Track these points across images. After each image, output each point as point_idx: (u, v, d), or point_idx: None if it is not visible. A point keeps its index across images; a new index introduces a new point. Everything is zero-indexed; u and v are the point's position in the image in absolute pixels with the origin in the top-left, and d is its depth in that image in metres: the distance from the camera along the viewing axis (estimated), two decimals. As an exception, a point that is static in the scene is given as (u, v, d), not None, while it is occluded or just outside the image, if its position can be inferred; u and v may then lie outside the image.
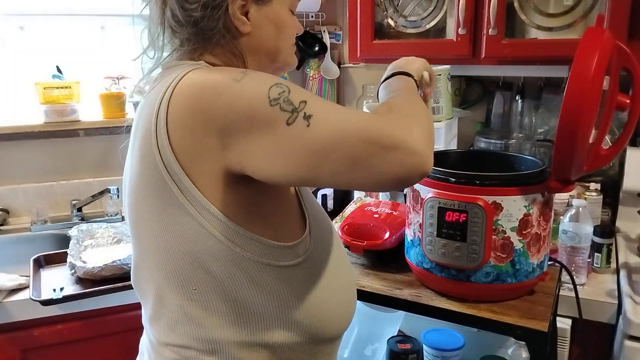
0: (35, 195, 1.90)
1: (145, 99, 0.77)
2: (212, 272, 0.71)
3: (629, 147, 1.63)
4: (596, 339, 1.32)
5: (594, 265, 1.44)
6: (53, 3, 1.90)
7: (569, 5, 1.45)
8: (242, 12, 0.77)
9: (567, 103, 0.86)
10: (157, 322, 0.77)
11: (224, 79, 0.68)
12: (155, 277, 0.75)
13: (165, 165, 0.68)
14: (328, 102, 0.69)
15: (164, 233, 0.71)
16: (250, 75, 0.69)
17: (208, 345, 0.73)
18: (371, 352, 1.43)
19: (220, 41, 0.78)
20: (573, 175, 0.95)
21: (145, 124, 0.71)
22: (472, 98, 1.94)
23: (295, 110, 0.65)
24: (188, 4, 0.76)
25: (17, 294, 1.37)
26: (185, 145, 0.68)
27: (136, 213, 0.75)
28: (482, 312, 0.97)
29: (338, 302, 0.82)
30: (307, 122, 0.64)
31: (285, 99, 0.65)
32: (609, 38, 0.89)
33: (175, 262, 0.72)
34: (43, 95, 1.83)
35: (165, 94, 0.69)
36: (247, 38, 0.79)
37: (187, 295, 0.73)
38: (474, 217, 0.95)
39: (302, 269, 0.76)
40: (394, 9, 1.71)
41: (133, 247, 0.80)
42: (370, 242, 1.16)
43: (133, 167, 0.74)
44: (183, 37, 0.78)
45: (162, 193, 0.69)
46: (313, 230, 0.81)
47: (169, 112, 0.68)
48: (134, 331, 0.96)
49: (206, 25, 0.76)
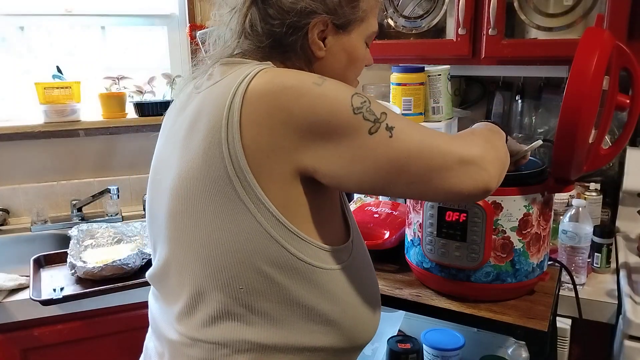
0: (35, 195, 1.90)
1: (204, 94, 0.75)
2: (263, 272, 0.71)
3: (629, 147, 1.63)
4: (596, 339, 1.32)
5: (593, 265, 1.44)
6: (53, 3, 1.90)
7: (569, 5, 1.45)
8: (320, 38, 0.78)
9: (567, 103, 0.86)
10: (190, 317, 0.76)
11: (305, 81, 0.69)
12: (196, 272, 0.74)
13: (232, 160, 0.68)
14: (406, 117, 0.73)
15: (218, 228, 0.70)
16: (330, 81, 0.70)
17: (245, 345, 0.73)
18: (371, 352, 1.43)
19: (292, 58, 0.79)
20: (573, 175, 0.95)
21: (212, 117, 0.70)
22: (472, 98, 1.94)
23: (378, 120, 0.68)
24: (271, 19, 0.76)
25: (17, 294, 1.37)
26: (258, 142, 0.68)
27: (183, 207, 0.73)
28: (482, 312, 0.97)
29: (374, 307, 0.83)
30: (390, 133, 0.68)
31: (367, 108, 0.68)
32: (609, 38, 0.89)
33: (224, 258, 0.71)
34: (43, 95, 1.83)
35: (238, 88, 0.69)
36: (319, 63, 0.80)
37: (233, 293, 0.72)
38: (473, 217, 0.95)
39: (346, 273, 0.77)
40: (394, 9, 1.71)
41: (165, 241, 0.78)
42: (370, 242, 1.16)
43: (188, 161, 0.72)
44: (255, 45, 0.78)
45: (224, 188, 0.69)
46: (354, 235, 0.83)
47: (243, 107, 0.68)
48: (134, 331, 0.96)
49: (283, 42, 0.77)
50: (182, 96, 0.83)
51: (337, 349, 0.77)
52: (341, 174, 0.69)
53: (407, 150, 0.67)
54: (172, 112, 0.84)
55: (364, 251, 0.87)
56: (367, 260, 0.86)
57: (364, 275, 0.82)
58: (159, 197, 0.80)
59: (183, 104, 0.80)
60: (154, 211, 0.83)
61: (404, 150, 0.67)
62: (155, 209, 0.81)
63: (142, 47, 2.08)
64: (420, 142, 0.67)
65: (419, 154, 0.67)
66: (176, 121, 0.79)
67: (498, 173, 0.72)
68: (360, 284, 0.80)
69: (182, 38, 2.05)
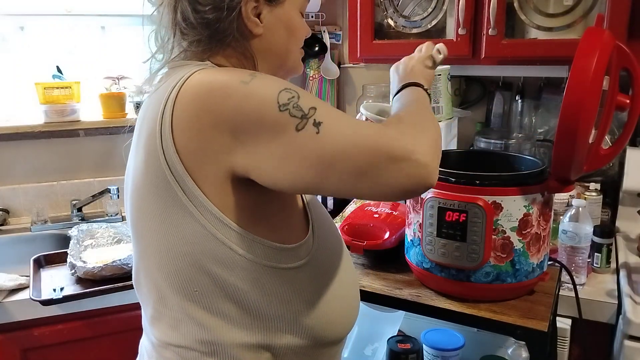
0: (35, 195, 1.90)
1: (150, 99, 0.76)
2: (213, 274, 0.71)
3: (629, 147, 1.63)
4: (596, 339, 1.32)
5: (593, 265, 1.44)
6: (53, 3, 1.90)
7: (569, 5, 1.45)
8: (255, 14, 0.77)
9: (567, 103, 0.86)
10: (159, 322, 0.77)
11: (232, 81, 0.67)
12: (156, 277, 0.75)
13: (169, 165, 0.68)
14: (337, 110, 0.69)
15: (166, 234, 0.71)
16: (258, 78, 0.68)
17: (210, 347, 0.73)
18: (371, 352, 1.43)
19: (232, 43, 0.78)
20: (573, 175, 0.95)
21: (149, 124, 0.71)
22: (472, 98, 1.94)
23: (305, 116, 0.65)
24: (201, 6, 0.75)
25: (17, 294, 1.37)
26: (190, 147, 0.67)
27: (138, 213, 0.75)
28: (482, 312, 0.97)
29: (341, 305, 0.82)
30: (317, 129, 0.64)
31: (294, 104, 0.65)
32: (609, 38, 0.89)
33: (176, 263, 0.71)
34: (43, 95, 1.83)
35: (170, 94, 0.69)
36: (259, 40, 0.79)
37: (189, 296, 0.72)
38: (473, 217, 0.95)
39: (305, 271, 0.76)
40: (394, 9, 1.71)
41: (134, 246, 0.80)
42: (370, 242, 1.16)
43: (136, 167, 0.74)
44: (193, 39, 0.77)
45: (165, 193, 0.69)
46: (316, 232, 0.81)
47: (174, 112, 0.68)
48: (134, 331, 0.96)
49: (219, 27, 0.76)
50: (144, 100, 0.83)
51: (303, 346, 0.76)
52: (273, 173, 0.66)
53: (335, 147, 0.63)
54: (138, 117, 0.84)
55: (334, 248, 0.84)
56: (337, 257, 0.84)
57: (331, 273, 0.80)
58: (127, 204, 0.81)
59: (141, 109, 0.80)
60: (127, 217, 0.83)
61: (332, 147, 0.63)
62: (127, 215, 0.82)
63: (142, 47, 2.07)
64: (349, 138, 0.64)
65: (347, 151, 0.63)
66: (136, 126, 0.80)
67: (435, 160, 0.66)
68: (325, 282, 0.78)
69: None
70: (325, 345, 0.80)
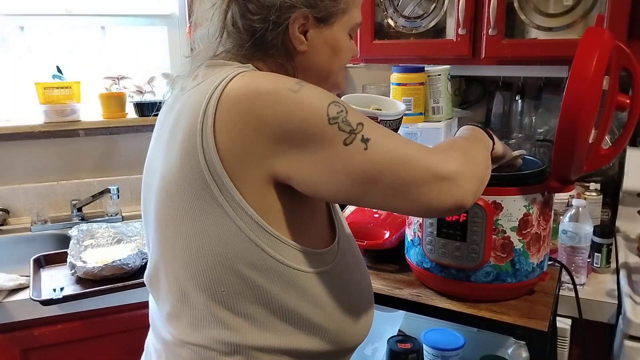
0: (35, 195, 1.90)
1: (187, 95, 0.75)
2: (243, 275, 0.71)
3: (629, 147, 1.63)
4: (596, 339, 1.32)
5: (593, 265, 1.44)
6: (53, 3, 1.90)
7: (569, 6, 1.45)
8: (302, 32, 0.77)
9: (567, 103, 0.86)
10: (178, 320, 0.76)
11: (281, 87, 0.68)
12: (180, 274, 0.74)
13: (208, 165, 0.68)
14: (383, 127, 0.71)
15: (198, 232, 0.71)
16: (306, 88, 0.69)
17: (230, 347, 0.73)
18: (371, 351, 1.43)
19: (274, 54, 0.78)
20: (573, 175, 0.95)
21: (189, 121, 0.70)
22: (472, 98, 1.94)
23: (354, 131, 0.66)
24: (250, 14, 0.75)
25: (17, 294, 1.37)
26: (231, 148, 0.67)
27: (167, 210, 0.74)
28: (482, 312, 0.97)
29: (361, 311, 0.82)
30: (365, 145, 0.67)
31: (343, 119, 0.67)
32: (609, 38, 0.89)
33: (205, 261, 0.71)
34: (43, 95, 1.83)
35: (214, 93, 0.69)
36: (302, 56, 0.79)
37: (215, 296, 0.72)
38: (473, 217, 0.95)
39: (330, 276, 0.77)
40: (394, 9, 1.70)
41: (154, 243, 0.79)
42: (370, 242, 1.16)
43: (168, 164, 0.73)
44: (238, 43, 0.78)
45: (202, 192, 0.69)
46: (341, 239, 0.82)
47: (217, 112, 0.68)
48: (134, 331, 0.96)
49: (264, 38, 0.76)
50: (170, 96, 0.82)
51: (323, 352, 0.77)
52: (316, 182, 0.68)
53: (382, 163, 0.66)
54: (162, 112, 0.84)
55: (354, 254, 0.86)
56: (356, 264, 0.85)
57: (352, 279, 0.82)
58: (149, 199, 0.80)
59: (171, 105, 0.80)
60: (146, 213, 0.83)
61: (379, 163, 0.66)
62: (147, 211, 0.82)
63: (142, 47, 2.08)
64: (396, 156, 0.66)
65: (393, 167, 0.66)
66: (164, 122, 0.79)
67: (475, 189, 0.70)
68: (346, 288, 0.79)
69: (182, 38, 2.05)
70: (344, 351, 0.81)
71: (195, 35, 0.83)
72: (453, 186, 0.66)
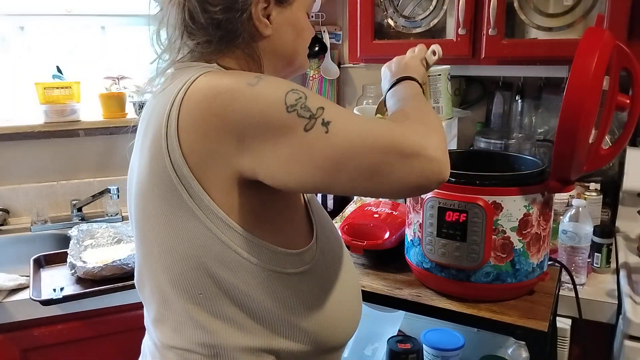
0: (35, 195, 1.90)
1: (155, 100, 0.75)
2: (218, 278, 0.70)
3: (629, 147, 1.63)
4: (596, 339, 1.32)
5: (593, 265, 1.44)
6: (53, 3, 1.90)
7: (569, 6, 1.45)
8: (264, 15, 0.77)
9: (567, 103, 0.86)
10: (162, 324, 0.77)
11: (238, 83, 0.67)
12: (159, 279, 0.74)
13: (175, 168, 0.68)
14: (345, 109, 0.69)
15: (170, 236, 0.71)
16: (264, 80, 0.68)
17: (212, 350, 0.73)
18: (371, 352, 1.43)
19: (240, 44, 0.77)
20: (573, 175, 0.95)
21: (155, 126, 0.70)
22: (472, 98, 1.94)
23: (313, 116, 0.65)
24: (211, 6, 0.74)
25: (17, 294, 1.37)
26: (196, 149, 0.67)
27: (142, 214, 0.74)
28: (482, 312, 0.97)
29: (344, 311, 0.82)
30: (326, 128, 0.64)
31: (302, 105, 0.65)
32: (609, 38, 0.89)
33: (180, 265, 0.71)
34: (43, 95, 1.83)
35: (177, 96, 0.68)
36: (267, 41, 0.78)
37: (192, 299, 0.72)
38: (474, 217, 0.95)
39: (309, 276, 0.76)
40: (394, 9, 1.70)
41: (137, 248, 0.80)
42: (370, 242, 1.16)
43: (141, 168, 0.73)
44: (201, 40, 0.77)
45: (171, 196, 0.69)
46: (320, 238, 0.81)
47: (180, 114, 0.67)
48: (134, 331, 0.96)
49: (228, 28, 0.75)
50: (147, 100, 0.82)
51: (305, 352, 0.76)
52: (282, 174, 0.66)
53: (344, 145, 0.63)
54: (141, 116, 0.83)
55: (335, 253, 0.84)
56: (339, 263, 0.84)
57: (334, 279, 0.80)
58: (130, 203, 0.80)
59: (145, 110, 0.80)
60: (130, 218, 0.83)
61: (342, 146, 0.63)
62: (130, 216, 0.82)
63: (142, 47, 2.08)
64: (358, 136, 0.63)
65: (357, 149, 0.63)
66: (140, 127, 0.79)
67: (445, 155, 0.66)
68: (328, 288, 0.78)
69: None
70: (327, 350, 0.80)
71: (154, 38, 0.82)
72: (423, 162, 0.63)
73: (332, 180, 0.65)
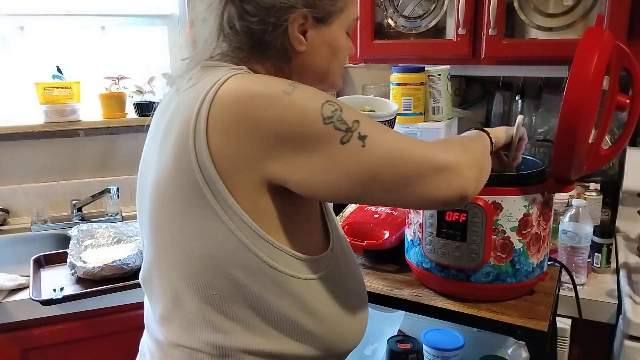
0: (35, 195, 1.90)
1: (182, 96, 0.75)
2: (235, 279, 0.70)
3: (629, 147, 1.63)
4: (596, 339, 1.32)
5: (593, 265, 1.44)
6: (53, 3, 1.90)
7: (569, 5, 1.45)
8: (300, 32, 0.76)
9: (567, 103, 0.86)
10: (170, 322, 0.76)
11: (274, 89, 0.67)
12: (173, 277, 0.74)
13: (201, 168, 0.67)
14: (377, 123, 0.71)
15: (190, 235, 0.70)
16: (300, 89, 0.68)
17: (221, 351, 0.73)
18: (371, 352, 1.43)
19: (272, 56, 0.77)
20: (573, 175, 0.95)
21: (182, 124, 0.70)
22: (472, 98, 1.94)
23: (350, 129, 0.66)
24: (249, 16, 0.74)
25: (17, 294, 1.37)
26: (224, 151, 0.67)
27: (159, 211, 0.74)
28: (482, 312, 0.97)
29: (353, 318, 0.82)
30: (362, 142, 0.66)
31: (338, 117, 0.67)
32: (609, 38, 0.89)
33: (198, 265, 0.71)
34: (43, 95, 1.83)
35: (207, 95, 0.68)
36: (300, 57, 0.78)
37: (207, 299, 0.72)
38: (473, 217, 0.95)
39: (323, 283, 0.76)
40: (394, 9, 1.70)
41: (148, 244, 0.79)
42: (370, 242, 1.16)
43: (161, 165, 0.72)
44: (235, 45, 0.77)
45: (194, 195, 0.68)
46: (335, 245, 0.81)
47: (210, 114, 0.67)
48: (134, 331, 0.96)
49: (262, 39, 0.75)
50: (165, 97, 0.82)
51: (314, 357, 0.77)
52: (314, 184, 0.67)
53: (380, 159, 0.66)
54: (157, 112, 0.83)
55: (347, 261, 0.85)
56: (349, 271, 0.85)
57: (345, 286, 0.81)
58: (143, 200, 0.80)
59: (165, 106, 0.79)
60: (141, 214, 0.82)
61: (377, 160, 0.66)
62: (142, 212, 0.81)
63: (142, 47, 2.08)
64: (394, 151, 0.67)
65: (392, 162, 0.66)
66: (158, 123, 0.79)
67: (475, 177, 0.70)
68: (339, 295, 0.79)
69: (182, 38, 2.05)
70: (336, 356, 0.81)
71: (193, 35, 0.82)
72: (452, 176, 0.67)
73: (366, 192, 0.68)
